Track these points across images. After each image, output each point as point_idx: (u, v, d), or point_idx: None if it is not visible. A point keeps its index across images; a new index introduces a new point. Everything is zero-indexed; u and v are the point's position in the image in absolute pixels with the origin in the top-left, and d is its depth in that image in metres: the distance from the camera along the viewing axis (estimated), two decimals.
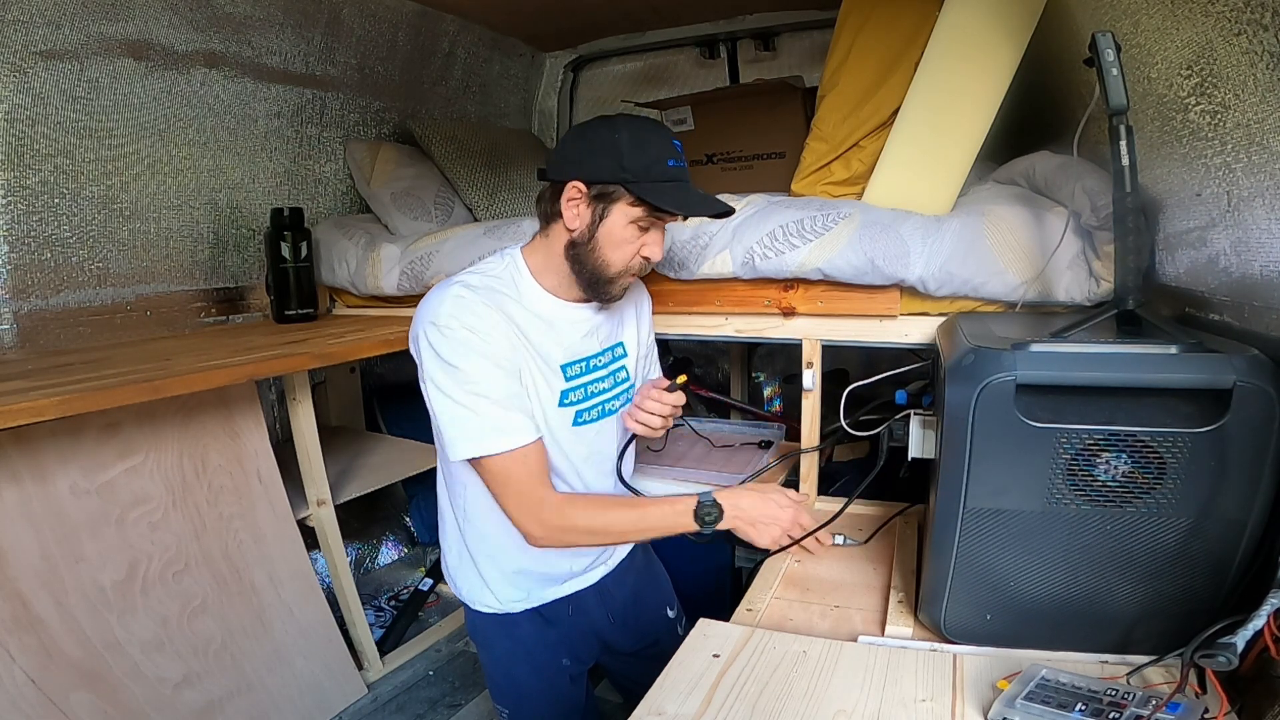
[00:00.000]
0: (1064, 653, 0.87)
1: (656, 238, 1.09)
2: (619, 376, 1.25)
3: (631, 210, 1.05)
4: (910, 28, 1.36)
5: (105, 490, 1.31)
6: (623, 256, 1.08)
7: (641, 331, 1.32)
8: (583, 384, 1.17)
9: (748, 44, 2.51)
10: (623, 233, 1.07)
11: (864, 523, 1.34)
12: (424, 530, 2.40)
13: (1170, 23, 0.96)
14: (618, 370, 1.25)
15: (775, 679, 0.85)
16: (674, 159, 1.05)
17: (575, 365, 1.16)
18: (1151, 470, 0.79)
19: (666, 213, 1.06)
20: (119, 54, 1.62)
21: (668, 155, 1.05)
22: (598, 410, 1.20)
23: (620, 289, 1.13)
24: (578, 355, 1.16)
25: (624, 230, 1.06)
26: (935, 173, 1.32)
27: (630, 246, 1.08)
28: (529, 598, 1.23)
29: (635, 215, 1.06)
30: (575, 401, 1.16)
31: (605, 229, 1.07)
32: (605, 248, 1.07)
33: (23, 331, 1.54)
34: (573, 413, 1.15)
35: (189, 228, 1.84)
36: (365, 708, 1.71)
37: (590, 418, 1.18)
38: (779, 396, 2.52)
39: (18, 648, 1.18)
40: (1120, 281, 0.95)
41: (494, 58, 2.59)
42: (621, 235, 1.07)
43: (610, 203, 1.05)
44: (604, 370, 1.21)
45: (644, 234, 1.08)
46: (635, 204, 1.05)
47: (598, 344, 1.21)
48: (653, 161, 1.03)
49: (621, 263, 1.08)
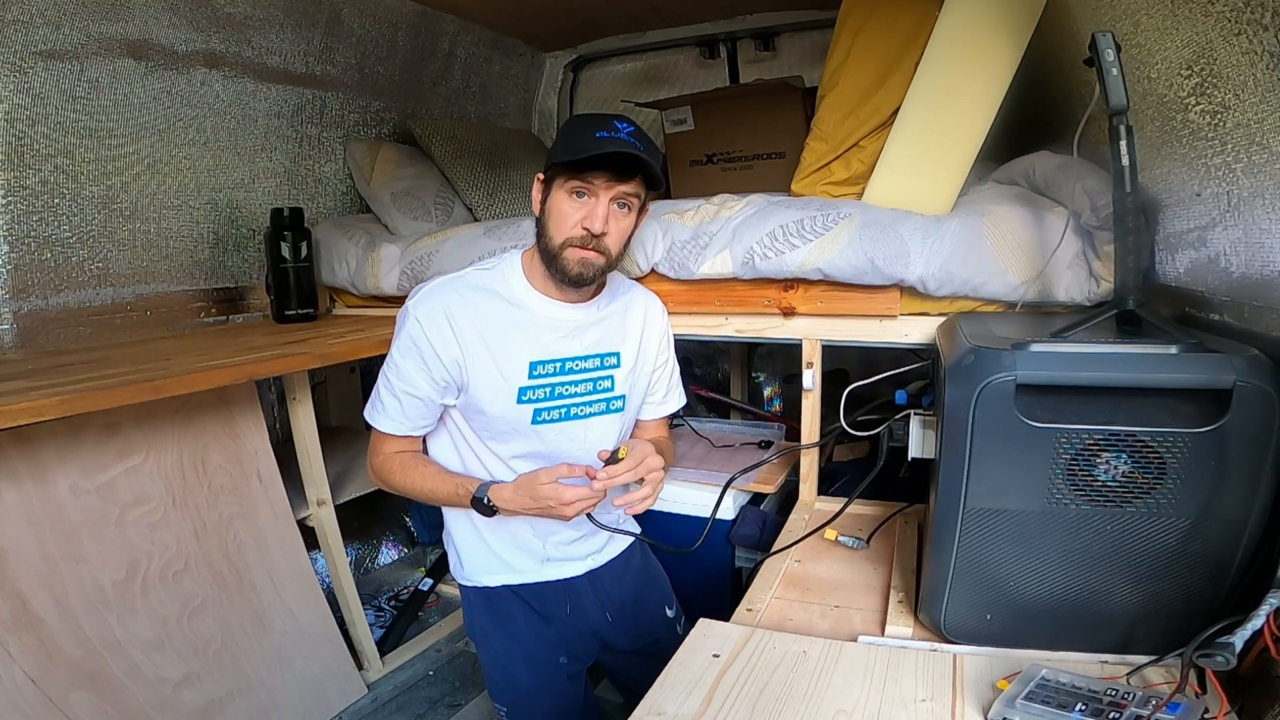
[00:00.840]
0: (1064, 653, 0.87)
1: (593, 207, 1.12)
2: (601, 384, 1.25)
3: (565, 183, 1.12)
4: (910, 28, 1.36)
5: (105, 490, 1.31)
6: (563, 227, 1.13)
7: (646, 348, 1.31)
8: (550, 384, 1.19)
9: (748, 44, 2.51)
10: (563, 205, 1.12)
11: (864, 523, 1.34)
12: (424, 530, 2.40)
13: (1170, 23, 0.96)
14: (601, 379, 1.24)
15: (775, 679, 0.85)
16: (605, 130, 1.09)
17: (546, 365, 1.18)
18: (1151, 470, 0.79)
19: (583, 171, 1.10)
20: (119, 54, 1.61)
21: (598, 129, 1.09)
22: (559, 412, 1.21)
23: (573, 265, 1.13)
24: (550, 355, 1.19)
25: (565, 203, 1.12)
26: (935, 173, 1.32)
27: (570, 218, 1.12)
28: (505, 572, 1.26)
29: (570, 185, 1.12)
30: (535, 400, 1.18)
31: (550, 204, 1.14)
32: (551, 222, 1.14)
33: (23, 331, 1.54)
34: (531, 410, 1.18)
35: (189, 228, 1.84)
36: (365, 708, 1.71)
37: (550, 418, 1.20)
38: (779, 396, 2.52)
39: (18, 647, 1.18)
40: (1120, 281, 0.95)
41: (494, 58, 2.58)
42: (562, 208, 1.13)
43: (551, 181, 1.14)
44: (580, 375, 1.22)
45: (583, 204, 1.12)
46: (563, 174, 1.11)
47: (580, 347, 1.21)
48: (582, 137, 1.09)
49: (562, 234, 1.13)
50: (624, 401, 1.27)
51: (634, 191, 1.14)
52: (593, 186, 1.11)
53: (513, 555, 1.26)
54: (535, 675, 1.28)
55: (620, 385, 1.26)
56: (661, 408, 1.38)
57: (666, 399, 1.38)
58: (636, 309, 1.31)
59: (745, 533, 1.57)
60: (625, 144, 1.07)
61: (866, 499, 1.38)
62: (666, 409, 1.39)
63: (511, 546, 1.26)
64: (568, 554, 1.28)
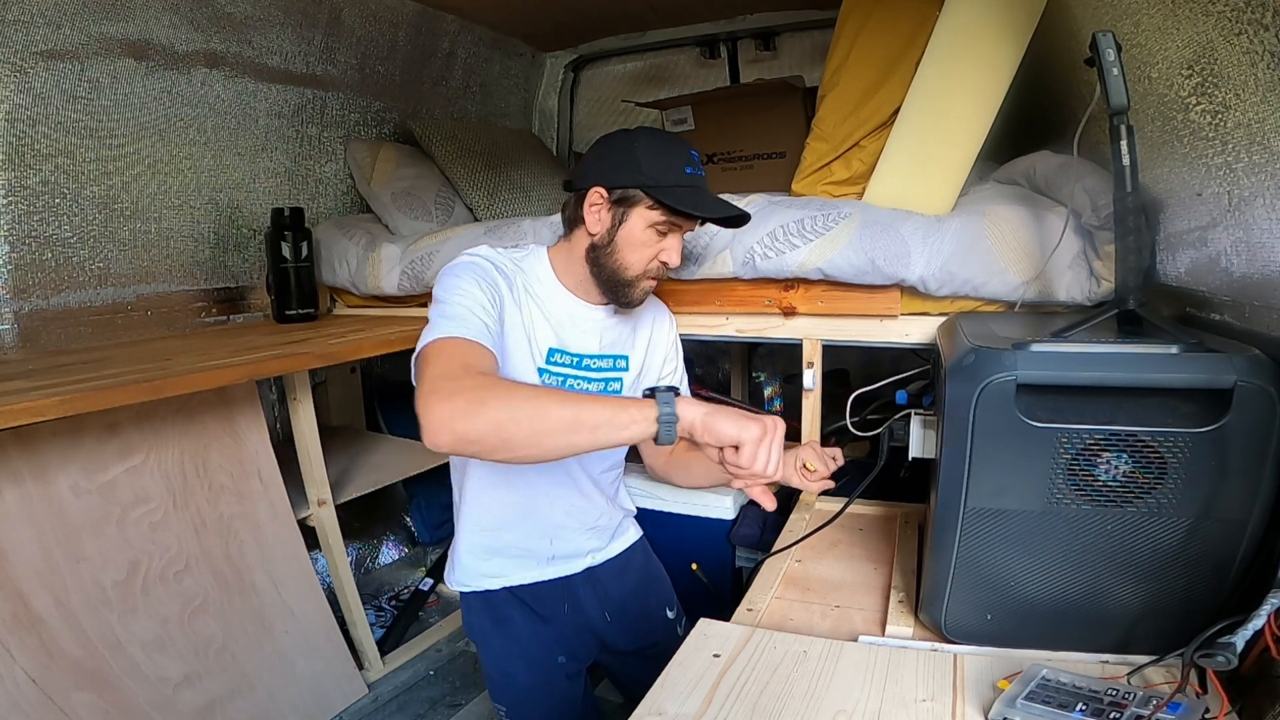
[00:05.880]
0: (1064, 653, 0.87)
1: (674, 243, 1.12)
2: (612, 386, 1.25)
3: (650, 214, 1.09)
4: (910, 28, 1.36)
5: (106, 490, 1.32)
6: (641, 259, 1.11)
7: (652, 357, 1.31)
8: (563, 374, 1.18)
9: (748, 44, 2.51)
10: (641, 236, 1.10)
11: (864, 523, 1.34)
12: (424, 530, 2.40)
13: (1171, 22, 0.96)
14: (612, 379, 1.25)
15: (776, 679, 0.85)
16: (691, 167, 1.09)
17: (563, 355, 1.18)
18: (1152, 470, 0.79)
19: (684, 215, 1.09)
20: (119, 54, 1.62)
21: (685, 163, 1.09)
22: None
23: (640, 293, 1.15)
24: (568, 348, 1.18)
25: (643, 234, 1.10)
26: (935, 172, 1.32)
27: (648, 250, 1.11)
28: (507, 575, 1.24)
29: (653, 219, 1.09)
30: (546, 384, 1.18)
31: (624, 232, 1.10)
32: (624, 250, 1.11)
33: (23, 331, 1.54)
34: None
35: (189, 228, 1.84)
36: (365, 708, 1.71)
37: None
38: (779, 396, 2.52)
39: (18, 647, 1.18)
40: (1121, 281, 0.95)
41: (494, 57, 2.59)
42: (640, 238, 1.10)
43: (630, 206, 1.09)
44: (594, 373, 1.22)
45: (662, 239, 1.11)
46: (653, 207, 1.09)
47: (597, 346, 1.21)
48: (670, 168, 1.07)
49: (639, 265, 1.12)
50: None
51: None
52: (680, 228, 1.12)
53: (517, 556, 1.25)
54: (534, 675, 1.28)
55: (627, 389, 1.27)
56: None
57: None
58: (646, 317, 1.31)
59: (745, 533, 1.57)
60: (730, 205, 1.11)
61: (867, 499, 1.38)
62: None
63: (517, 549, 1.25)
64: (573, 549, 1.28)
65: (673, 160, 1.08)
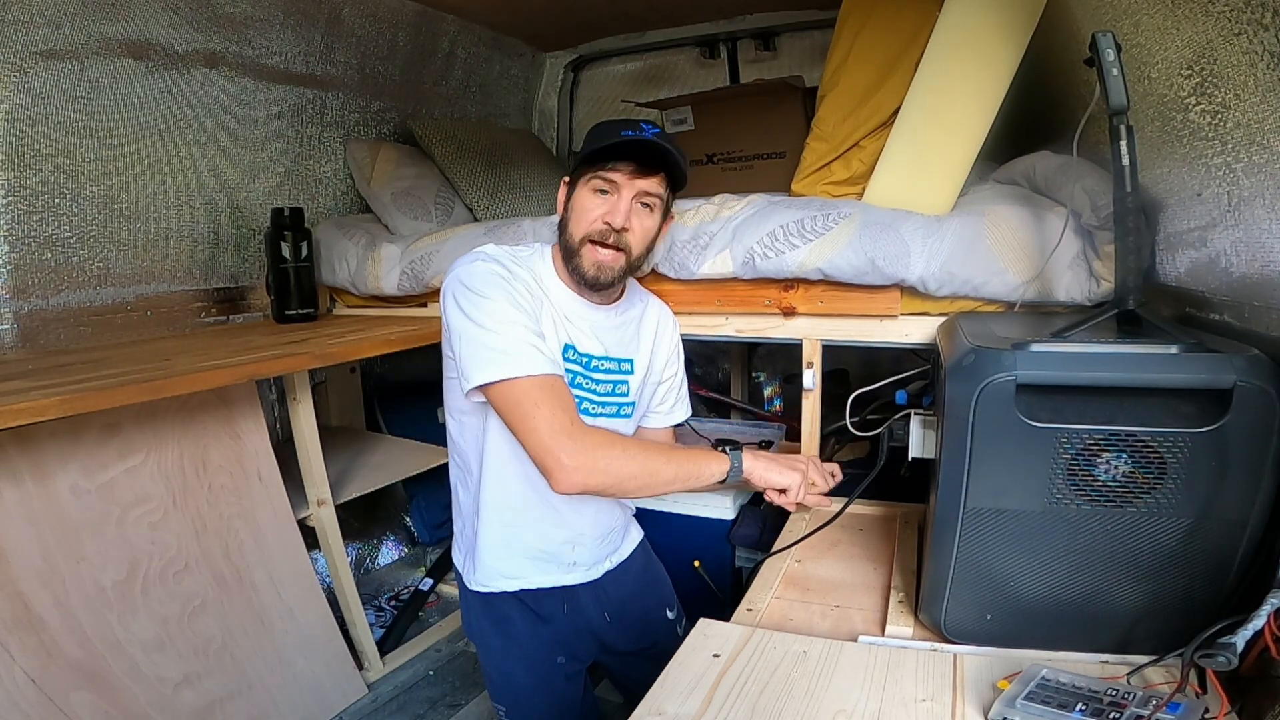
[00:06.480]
0: (1064, 653, 0.87)
1: (615, 202, 1.13)
2: (619, 388, 1.25)
3: (589, 180, 1.13)
4: (910, 28, 1.36)
5: (106, 490, 1.31)
6: (584, 222, 1.14)
7: (655, 360, 1.31)
8: (572, 372, 1.18)
9: (748, 44, 2.51)
10: (585, 200, 1.14)
11: (864, 523, 1.35)
12: (424, 530, 2.40)
13: (1171, 23, 0.96)
14: (619, 382, 1.24)
15: (775, 679, 0.85)
16: (631, 130, 1.10)
17: (571, 351, 1.18)
18: (1152, 470, 0.79)
19: (605, 164, 1.11)
20: (119, 54, 1.62)
21: (623, 128, 1.10)
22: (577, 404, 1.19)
23: (590, 265, 1.14)
24: (577, 346, 1.19)
25: (587, 199, 1.14)
26: (935, 173, 1.32)
27: (592, 213, 1.13)
28: (525, 577, 1.23)
29: (591, 182, 1.13)
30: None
31: (573, 202, 1.16)
32: (572, 218, 1.15)
33: (23, 331, 1.54)
34: None
35: (189, 228, 1.84)
36: (365, 708, 1.71)
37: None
38: (779, 396, 2.52)
39: (18, 647, 1.18)
40: (1120, 281, 0.95)
41: (494, 58, 2.59)
42: (584, 204, 1.14)
43: (576, 180, 1.16)
44: (601, 375, 1.22)
45: (605, 200, 1.13)
46: (586, 171, 1.13)
47: (602, 348, 1.21)
48: (606, 134, 1.10)
49: (583, 229, 1.13)
50: (633, 408, 1.28)
51: (657, 192, 1.14)
52: (615, 183, 1.12)
53: (537, 559, 1.23)
54: (533, 675, 1.28)
55: (633, 392, 1.27)
56: (668, 418, 1.39)
57: (674, 410, 1.39)
58: (650, 319, 1.31)
59: (745, 533, 1.57)
60: (635, 140, 1.08)
61: (867, 499, 1.38)
62: (673, 419, 1.40)
63: (538, 552, 1.23)
64: (593, 557, 1.28)
65: (611, 129, 1.10)
